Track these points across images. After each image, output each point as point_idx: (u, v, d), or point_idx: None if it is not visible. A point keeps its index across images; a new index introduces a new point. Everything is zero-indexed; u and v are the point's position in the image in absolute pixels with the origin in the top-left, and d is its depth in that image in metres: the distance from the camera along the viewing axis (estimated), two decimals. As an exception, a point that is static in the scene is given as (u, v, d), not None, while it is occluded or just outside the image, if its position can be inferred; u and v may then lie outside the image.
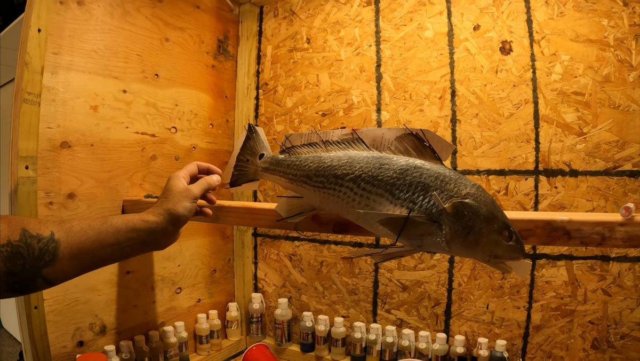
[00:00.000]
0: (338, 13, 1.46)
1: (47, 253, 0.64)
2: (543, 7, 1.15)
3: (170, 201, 0.81)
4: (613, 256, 1.09)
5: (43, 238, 0.64)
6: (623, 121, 1.08)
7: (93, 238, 0.69)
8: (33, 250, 0.63)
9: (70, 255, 0.67)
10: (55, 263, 0.65)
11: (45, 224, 0.66)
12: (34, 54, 1.01)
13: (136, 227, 0.75)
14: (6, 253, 0.60)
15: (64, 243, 0.66)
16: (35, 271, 0.64)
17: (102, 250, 0.71)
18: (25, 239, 0.62)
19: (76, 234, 0.68)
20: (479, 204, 0.62)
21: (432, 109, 1.29)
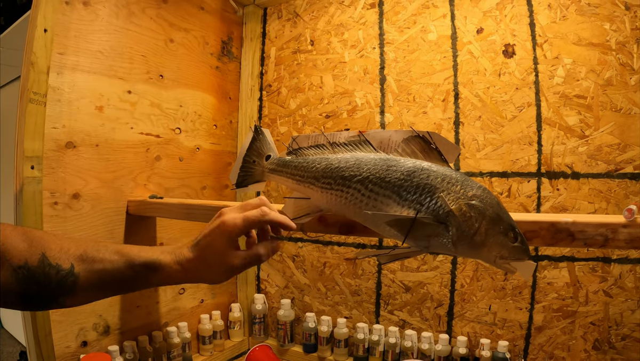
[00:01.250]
0: (342, 15, 1.46)
1: (64, 286, 0.62)
2: (546, 11, 1.16)
3: (203, 261, 0.69)
4: (614, 258, 1.10)
5: (62, 271, 0.62)
6: (624, 124, 1.08)
7: (113, 279, 0.66)
8: (50, 280, 0.61)
9: (88, 289, 0.65)
10: (72, 295, 0.63)
11: (66, 254, 0.63)
12: (40, 54, 1.01)
13: (157, 272, 0.68)
14: (22, 276, 0.59)
15: (82, 279, 0.63)
16: (51, 299, 0.62)
17: (122, 289, 0.70)
18: (43, 267, 0.60)
19: (97, 273, 0.64)
20: (485, 206, 0.63)
21: (436, 112, 1.30)
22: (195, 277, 0.70)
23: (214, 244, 0.68)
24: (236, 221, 0.68)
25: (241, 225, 0.68)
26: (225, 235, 0.68)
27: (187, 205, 1.12)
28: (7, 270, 0.57)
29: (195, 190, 1.46)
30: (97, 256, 0.65)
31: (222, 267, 0.69)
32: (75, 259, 0.63)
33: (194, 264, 0.68)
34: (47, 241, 0.63)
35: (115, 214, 1.21)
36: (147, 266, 0.67)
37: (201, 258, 0.68)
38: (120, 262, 0.66)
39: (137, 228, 1.26)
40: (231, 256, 0.69)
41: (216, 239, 0.68)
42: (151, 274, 0.67)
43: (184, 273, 0.68)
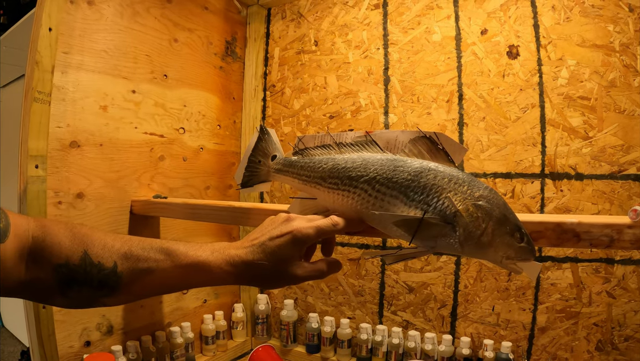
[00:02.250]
0: (346, 16, 1.47)
1: (107, 286, 0.60)
2: (550, 12, 1.16)
3: (263, 266, 0.64)
4: (617, 259, 1.10)
5: (104, 270, 0.59)
6: (628, 125, 1.09)
7: (158, 279, 0.63)
8: (92, 280, 0.58)
9: (132, 289, 0.62)
10: (115, 295, 0.61)
11: (110, 251, 0.60)
12: (45, 53, 1.01)
13: (206, 273, 0.64)
14: (62, 275, 0.57)
15: (126, 279, 0.60)
16: (92, 299, 0.60)
17: (167, 290, 0.67)
18: (85, 265, 0.58)
19: (141, 272, 0.61)
20: (491, 206, 0.63)
21: (440, 113, 1.30)
22: (248, 280, 0.66)
23: (283, 250, 0.64)
24: (309, 231, 0.65)
25: (313, 235, 0.65)
26: (296, 243, 0.64)
27: (191, 205, 1.13)
28: (48, 268, 0.56)
29: (199, 190, 1.47)
30: (142, 254, 0.62)
31: (284, 275, 0.65)
32: (119, 257, 0.61)
33: (252, 267, 0.64)
34: (91, 237, 0.61)
35: (119, 214, 1.21)
36: (194, 266, 0.63)
37: (263, 263, 0.64)
38: (166, 262, 0.62)
39: (141, 227, 1.27)
40: (296, 266, 0.65)
41: (285, 245, 0.64)
42: (199, 275, 0.63)
43: (236, 275, 0.64)
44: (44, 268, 0.56)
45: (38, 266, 0.56)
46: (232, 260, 0.64)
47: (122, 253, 0.61)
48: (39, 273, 0.56)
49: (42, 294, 0.59)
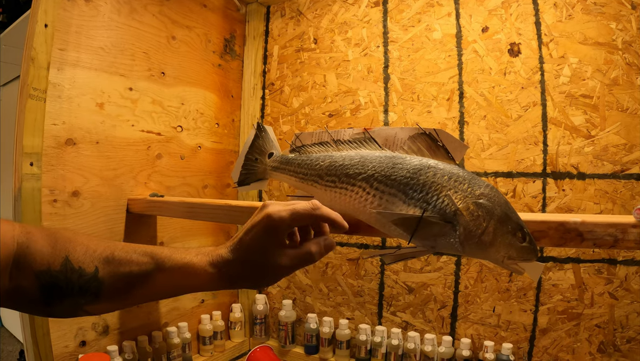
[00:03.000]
0: (346, 14, 1.45)
1: (88, 292, 0.57)
2: (551, 10, 1.15)
3: (245, 262, 0.61)
4: (620, 260, 1.09)
5: (85, 275, 0.57)
6: (631, 124, 1.07)
7: (140, 284, 0.60)
8: (72, 286, 0.56)
9: (114, 296, 0.59)
10: (96, 302, 0.58)
11: (91, 256, 0.58)
12: (40, 50, 1.00)
13: (191, 276, 0.61)
14: (44, 283, 0.55)
15: (107, 284, 0.58)
16: (75, 307, 0.58)
17: (150, 296, 0.63)
18: (65, 271, 0.56)
19: (123, 277, 0.59)
20: (493, 205, 0.62)
21: (440, 111, 1.29)
22: (236, 281, 0.62)
23: (258, 241, 0.60)
24: (282, 214, 0.60)
25: (288, 218, 0.60)
26: (270, 230, 0.60)
27: (189, 204, 1.11)
28: (29, 276, 0.54)
29: (197, 189, 1.45)
30: (124, 257, 0.59)
31: (268, 268, 0.61)
32: (101, 262, 0.58)
33: (234, 266, 0.61)
34: (72, 242, 0.58)
35: (116, 213, 1.20)
36: (179, 270, 0.60)
37: (243, 259, 0.60)
38: (149, 265, 0.59)
39: (138, 226, 1.25)
40: (278, 254, 0.61)
41: (260, 235, 0.60)
42: (184, 279, 0.60)
43: (222, 277, 0.61)
44: (26, 276, 0.54)
45: (21, 273, 0.54)
46: (214, 261, 0.61)
47: (104, 257, 0.58)
48: (21, 281, 0.54)
49: (25, 304, 0.58)
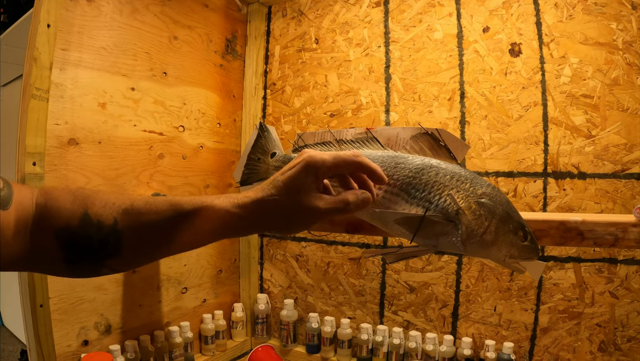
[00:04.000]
0: (347, 14, 1.46)
1: (108, 245, 0.55)
2: (552, 10, 1.15)
3: (278, 202, 0.57)
4: (620, 259, 1.09)
5: (104, 228, 0.55)
6: (631, 123, 1.08)
7: (161, 231, 0.57)
8: (92, 241, 0.55)
9: (135, 247, 0.57)
10: (117, 256, 0.57)
11: (110, 208, 0.56)
12: (43, 50, 1.00)
13: (212, 217, 0.58)
14: (63, 240, 0.54)
15: (127, 235, 0.56)
16: (96, 262, 0.57)
17: (171, 245, 0.59)
18: (84, 226, 0.54)
19: (143, 227, 0.57)
20: (494, 204, 0.62)
21: (441, 111, 1.29)
22: (263, 223, 0.59)
23: (294, 180, 0.57)
24: (324, 157, 0.57)
25: (329, 161, 0.57)
26: (310, 170, 0.57)
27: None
28: (49, 235, 0.54)
29: (199, 188, 1.46)
30: (144, 207, 0.57)
31: (302, 209, 0.57)
32: (120, 213, 0.56)
33: (264, 205, 0.57)
34: (92, 198, 0.57)
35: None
36: (199, 212, 0.57)
37: (274, 198, 0.57)
38: (169, 212, 0.57)
39: (140, 226, 1.26)
40: (314, 196, 0.57)
41: (298, 174, 0.57)
42: (204, 221, 0.57)
43: (248, 218, 0.57)
44: (46, 236, 0.54)
45: (41, 234, 0.54)
46: (239, 202, 0.58)
47: (123, 209, 0.56)
48: (42, 241, 0.54)
49: (48, 265, 0.57)
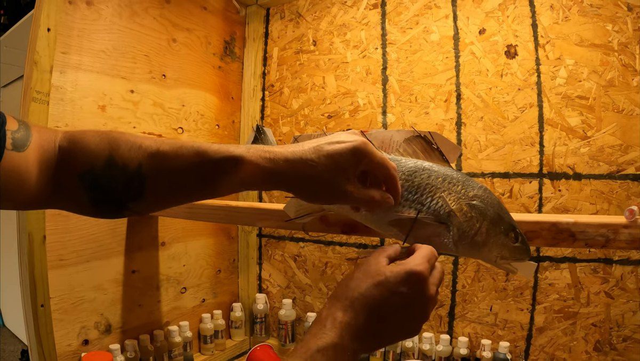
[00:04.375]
0: (344, 16, 1.47)
1: (132, 189, 0.55)
2: (548, 12, 1.16)
3: (312, 167, 0.55)
4: (616, 259, 1.10)
5: (128, 171, 0.55)
6: (627, 125, 1.08)
7: (185, 177, 0.57)
8: (116, 185, 0.55)
9: (158, 192, 0.57)
10: (140, 199, 0.56)
11: (136, 152, 0.55)
12: (43, 53, 1.01)
13: (239, 167, 0.56)
14: (88, 182, 0.55)
15: (151, 179, 0.55)
16: (119, 204, 0.57)
17: (195, 192, 0.59)
18: (109, 170, 0.54)
19: (167, 171, 0.56)
20: (486, 206, 0.63)
21: (438, 112, 1.30)
22: (289, 183, 0.57)
23: (340, 157, 0.55)
24: (375, 151, 0.58)
25: (378, 158, 0.58)
26: (359, 156, 0.56)
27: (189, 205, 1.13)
28: (73, 177, 0.55)
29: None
30: (170, 152, 0.56)
31: (332, 186, 0.56)
32: (146, 157, 0.55)
33: (297, 167, 0.55)
34: (118, 140, 0.56)
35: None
36: (226, 161, 0.55)
37: (312, 165, 0.55)
38: (194, 158, 0.56)
39: (140, 226, 1.27)
40: (349, 180, 0.57)
41: (347, 154, 0.56)
42: (230, 172, 0.56)
43: (276, 174, 0.56)
44: (70, 177, 0.55)
45: (65, 175, 0.55)
46: (271, 156, 0.56)
47: (149, 152, 0.55)
48: (66, 183, 0.55)
49: (71, 205, 0.58)
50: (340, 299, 0.53)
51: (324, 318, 0.51)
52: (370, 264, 0.55)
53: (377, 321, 0.52)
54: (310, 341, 0.49)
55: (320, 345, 0.48)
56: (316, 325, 0.51)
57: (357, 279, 0.54)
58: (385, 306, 0.52)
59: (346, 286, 0.54)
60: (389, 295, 0.52)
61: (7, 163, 0.50)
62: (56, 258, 1.08)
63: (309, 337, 0.50)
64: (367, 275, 0.54)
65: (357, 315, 0.51)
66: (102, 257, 1.19)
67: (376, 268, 0.54)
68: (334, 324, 0.50)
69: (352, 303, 0.52)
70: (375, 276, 0.53)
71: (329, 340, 0.49)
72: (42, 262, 1.03)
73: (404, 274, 0.52)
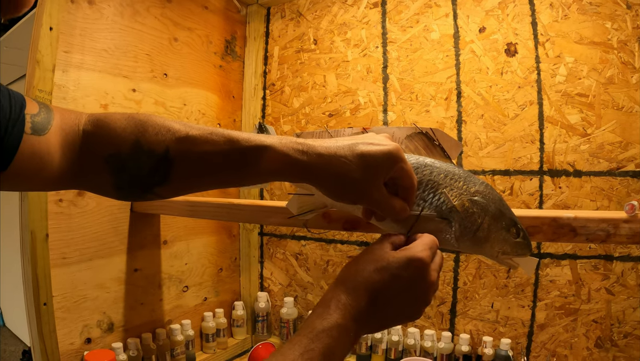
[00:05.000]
0: (345, 15, 1.47)
1: (157, 174, 0.55)
2: (548, 10, 1.17)
3: (343, 164, 0.55)
4: (616, 256, 1.10)
5: (155, 156, 0.54)
6: (626, 122, 1.09)
7: (212, 164, 0.56)
8: (142, 169, 0.54)
9: (184, 177, 0.56)
10: (166, 184, 0.56)
11: (164, 136, 0.54)
12: (46, 52, 1.02)
13: (267, 155, 0.55)
14: (113, 166, 0.54)
15: (178, 164, 0.55)
16: (144, 188, 0.56)
17: (222, 178, 0.58)
18: (135, 154, 0.54)
19: (195, 157, 0.55)
20: (487, 202, 0.63)
21: (438, 110, 1.30)
22: (319, 177, 0.56)
23: (374, 160, 0.55)
24: (405, 158, 0.58)
25: (408, 168, 0.58)
26: (392, 160, 0.56)
27: (191, 202, 1.13)
28: (99, 160, 0.54)
29: (199, 188, 1.47)
30: (199, 138, 0.55)
31: (360, 186, 0.56)
32: (173, 142, 0.54)
33: (330, 162, 0.55)
34: (146, 124, 0.55)
35: (120, 212, 1.22)
36: (256, 150, 0.55)
37: (345, 162, 0.55)
38: (224, 145, 0.55)
39: (142, 225, 1.27)
40: (376, 184, 0.57)
41: (381, 157, 0.56)
42: (258, 161, 0.55)
43: (307, 167, 0.55)
44: (96, 161, 0.54)
45: (90, 159, 0.55)
46: (304, 149, 0.55)
47: (177, 137, 0.55)
48: (92, 166, 0.55)
49: (97, 187, 0.58)
50: (345, 283, 0.54)
51: (329, 299, 0.52)
52: (375, 250, 0.56)
53: (379, 304, 0.53)
54: (315, 322, 0.50)
55: (325, 325, 0.49)
56: (321, 306, 0.52)
57: (361, 264, 0.55)
58: (387, 290, 0.53)
59: (350, 270, 0.55)
60: (390, 279, 0.53)
61: (27, 147, 0.50)
62: (59, 256, 1.09)
63: (314, 317, 0.51)
64: (370, 260, 0.55)
65: (360, 298, 0.52)
66: (104, 255, 1.19)
67: (380, 253, 0.55)
68: (338, 306, 0.51)
69: (356, 286, 0.53)
70: (379, 261, 0.54)
71: (332, 320, 0.50)
72: (45, 260, 1.04)
73: (406, 259, 0.53)
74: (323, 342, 0.49)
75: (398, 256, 0.54)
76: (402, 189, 0.61)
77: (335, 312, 0.51)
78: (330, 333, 0.49)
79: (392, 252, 0.55)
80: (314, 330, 0.49)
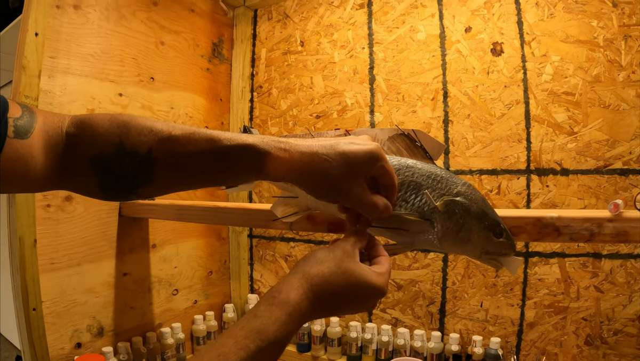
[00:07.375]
0: (331, 16, 1.47)
1: (141, 174, 0.55)
2: (533, 9, 1.17)
3: (324, 161, 0.56)
4: (605, 253, 1.10)
5: (138, 157, 0.54)
6: (613, 120, 1.09)
7: (195, 163, 0.56)
8: (125, 170, 0.55)
9: (167, 178, 0.57)
10: (149, 185, 0.56)
11: (146, 136, 0.55)
12: (31, 58, 1.01)
13: (250, 154, 0.55)
14: (98, 167, 0.55)
15: (160, 165, 0.55)
16: (128, 189, 0.57)
17: (204, 177, 0.59)
18: (118, 155, 0.54)
19: (177, 157, 0.55)
20: (469, 202, 0.64)
21: (425, 110, 1.31)
22: (299, 174, 0.57)
23: (356, 158, 0.56)
24: (385, 157, 0.59)
25: (388, 167, 0.60)
26: (373, 160, 0.57)
27: (179, 206, 1.13)
28: (83, 162, 0.54)
29: (187, 191, 1.47)
30: (181, 138, 0.55)
31: (340, 184, 0.57)
32: (156, 142, 0.55)
33: (311, 160, 0.56)
34: (129, 125, 0.55)
35: (108, 216, 1.22)
36: (238, 149, 0.55)
37: (327, 160, 0.55)
38: (206, 145, 0.55)
39: (130, 229, 1.27)
40: (357, 182, 0.57)
41: (362, 156, 0.57)
42: (241, 160, 0.56)
43: (289, 164, 0.55)
44: (80, 162, 0.55)
45: (74, 161, 0.55)
46: (286, 147, 0.56)
47: (160, 137, 0.55)
48: (76, 168, 0.55)
49: (83, 187, 0.58)
50: (302, 277, 0.54)
51: (276, 295, 0.52)
52: (342, 254, 0.56)
53: (327, 308, 0.54)
54: (252, 322, 0.50)
55: (261, 327, 0.49)
56: (265, 303, 0.52)
57: (324, 263, 0.55)
58: (341, 300, 0.55)
59: (311, 264, 0.55)
60: (348, 293, 0.54)
61: (10, 151, 0.50)
62: (47, 262, 1.08)
63: (251, 317, 0.50)
64: (335, 263, 0.55)
65: (311, 303, 0.53)
66: (93, 260, 1.19)
67: (347, 262, 0.55)
68: (284, 307, 0.51)
69: (311, 287, 0.53)
70: (345, 270, 0.54)
71: (273, 323, 0.50)
72: (34, 266, 1.03)
73: (371, 285, 0.55)
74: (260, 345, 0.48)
75: (364, 277, 0.55)
76: (384, 188, 0.62)
77: (279, 311, 0.51)
78: (266, 334, 0.49)
79: (361, 267, 0.56)
80: (252, 331, 0.49)
